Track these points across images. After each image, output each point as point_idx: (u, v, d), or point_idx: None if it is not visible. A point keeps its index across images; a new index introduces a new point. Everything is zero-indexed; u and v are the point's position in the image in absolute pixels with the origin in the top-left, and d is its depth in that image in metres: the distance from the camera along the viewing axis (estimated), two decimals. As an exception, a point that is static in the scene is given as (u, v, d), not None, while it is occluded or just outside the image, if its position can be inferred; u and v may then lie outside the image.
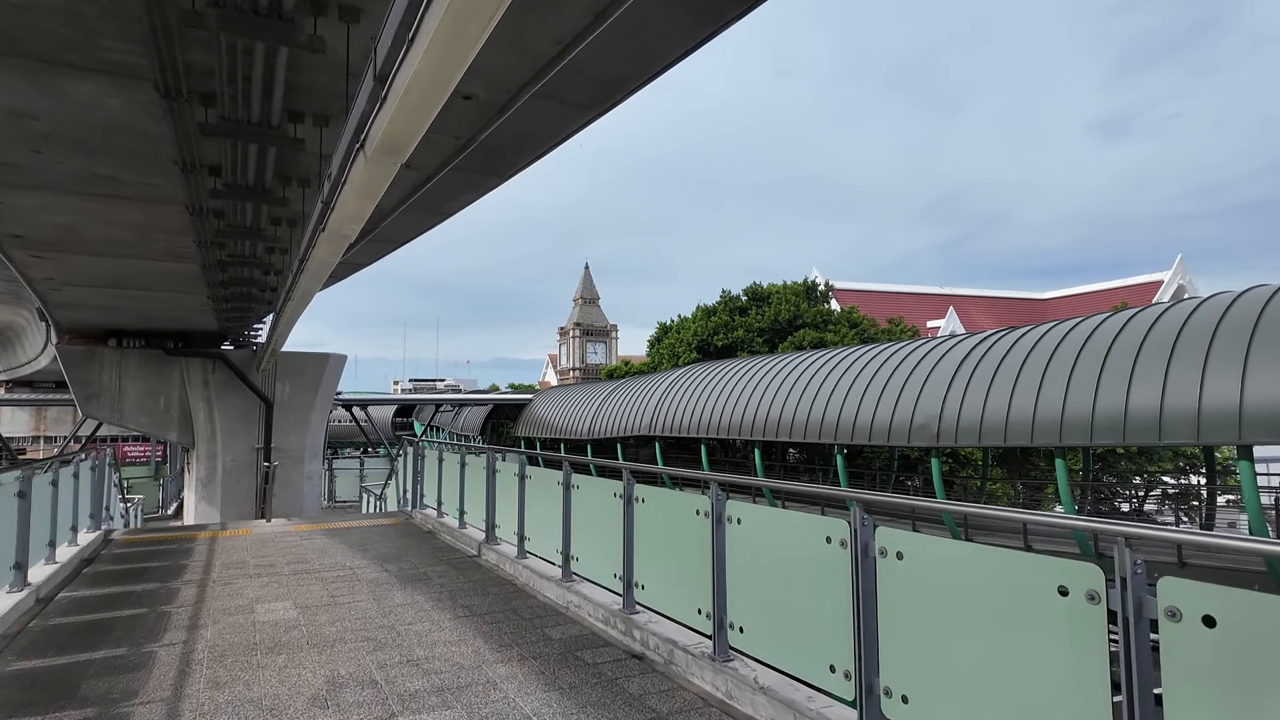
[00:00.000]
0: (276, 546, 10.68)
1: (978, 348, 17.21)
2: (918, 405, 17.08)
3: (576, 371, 56.75)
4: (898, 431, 17.40)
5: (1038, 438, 14.35)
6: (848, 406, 18.93)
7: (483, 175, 11.31)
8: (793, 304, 30.67)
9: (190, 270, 12.00)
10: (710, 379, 25.94)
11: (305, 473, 22.31)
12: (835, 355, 21.88)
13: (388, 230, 14.03)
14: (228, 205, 8.03)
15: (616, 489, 6.51)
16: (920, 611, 3.32)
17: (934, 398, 16.83)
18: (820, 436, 19.55)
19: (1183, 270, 60.42)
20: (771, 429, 21.28)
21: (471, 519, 11.06)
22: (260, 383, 21.26)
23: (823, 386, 20.27)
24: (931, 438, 16.53)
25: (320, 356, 22.34)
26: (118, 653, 5.71)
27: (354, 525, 12.77)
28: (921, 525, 17.98)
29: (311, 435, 22.53)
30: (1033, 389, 14.77)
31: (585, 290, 59.95)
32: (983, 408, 15.57)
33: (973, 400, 15.87)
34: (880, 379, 18.68)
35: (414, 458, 14.27)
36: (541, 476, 8.60)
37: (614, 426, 30.41)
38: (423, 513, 13.30)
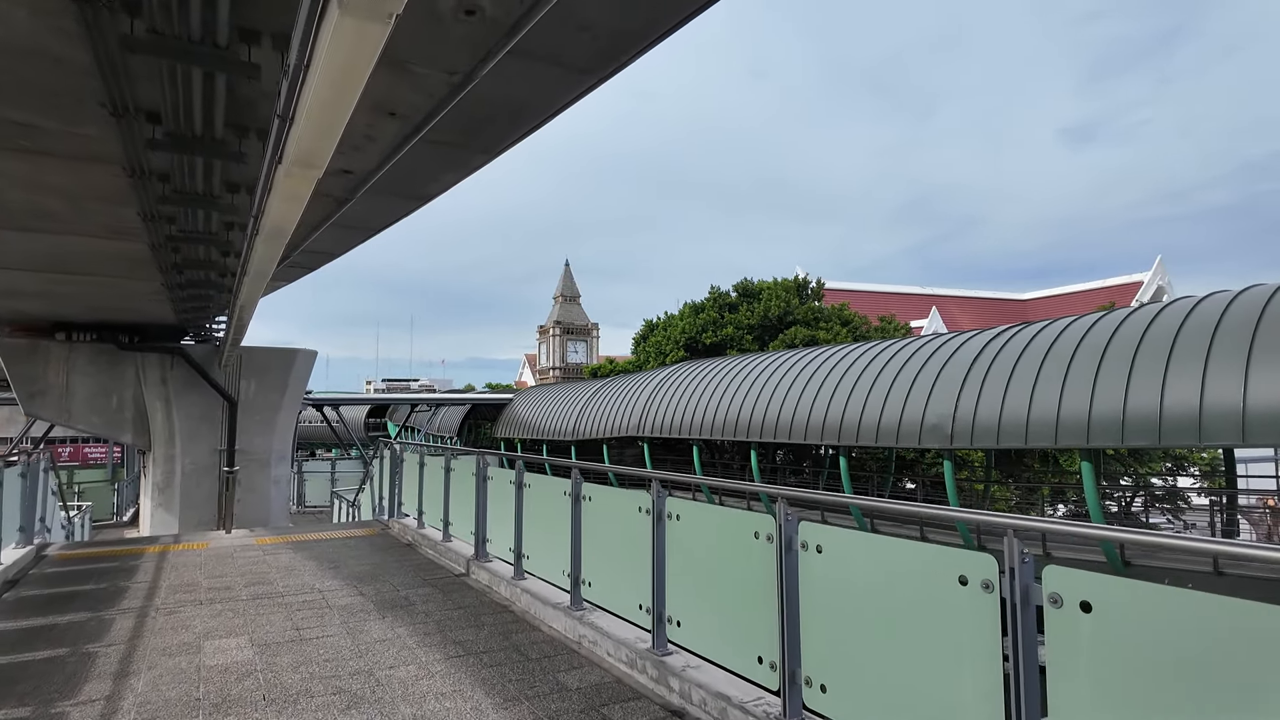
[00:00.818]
0: (235, 563, 9.40)
1: (991, 344, 16.33)
2: (928, 405, 16.17)
3: (557, 371, 55.45)
4: (907, 433, 16.47)
5: (1063, 438, 13.49)
6: (851, 406, 17.98)
7: (467, 152, 10.05)
8: (784, 301, 29.76)
9: (138, 251, 10.66)
10: (701, 377, 24.91)
11: (272, 477, 20.85)
12: (833, 353, 20.94)
13: (359, 215, 12.76)
14: (173, 164, 6.78)
15: (642, 503, 5.42)
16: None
17: (945, 397, 15.93)
18: (822, 438, 18.58)
19: (1162, 271, 60.69)
20: (769, 430, 20.28)
21: (457, 531, 9.87)
22: (223, 380, 19.78)
23: (823, 385, 19.32)
24: (944, 439, 15.62)
25: (288, 352, 20.90)
26: (17, 717, 4.47)
27: (324, 537, 11.49)
28: (881, 524, 17.10)
29: (279, 437, 21.07)
30: (1055, 387, 13.91)
31: (565, 288, 58.65)
32: (1000, 407, 14.68)
33: (989, 399, 14.99)
34: (885, 378, 17.76)
35: (391, 461, 13.01)
36: (543, 486, 7.44)
37: (599, 427, 29.25)
38: (401, 523, 12.05)
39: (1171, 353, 12.66)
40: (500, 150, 10.26)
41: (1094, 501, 13.55)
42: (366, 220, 13.59)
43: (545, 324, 58.60)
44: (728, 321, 30.71)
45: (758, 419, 20.86)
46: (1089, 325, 14.88)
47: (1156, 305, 15.04)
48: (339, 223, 13.49)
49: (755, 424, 20.87)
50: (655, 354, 33.12)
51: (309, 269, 17.63)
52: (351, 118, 6.61)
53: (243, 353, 20.11)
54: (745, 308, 30.85)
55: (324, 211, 9.10)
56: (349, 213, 13.02)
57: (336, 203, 8.69)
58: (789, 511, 3.73)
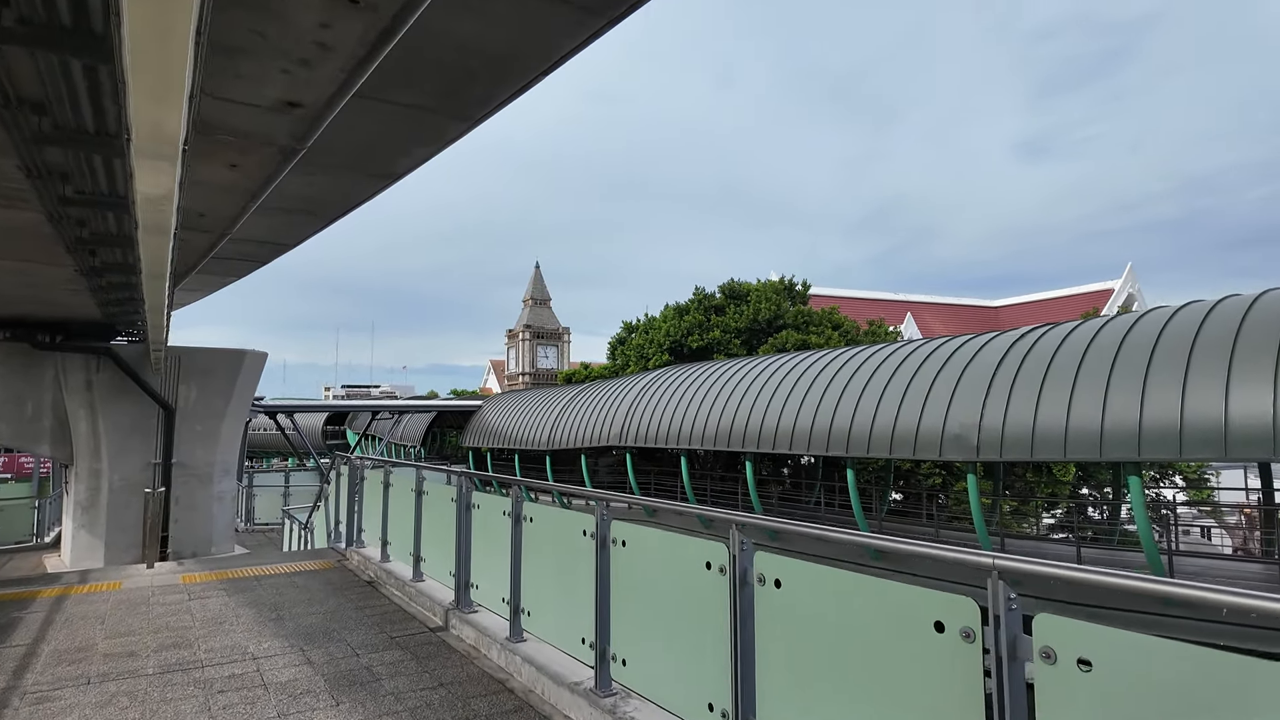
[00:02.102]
0: (149, 614, 7.45)
1: (1016, 346, 14.98)
2: (949, 413, 14.75)
3: (526, 377, 53.40)
4: (925, 443, 15.02)
5: (1109, 451, 12.13)
6: (860, 414, 16.51)
7: (442, 118, 8.19)
8: (774, 303, 28.32)
9: (34, 222, 8.64)
10: (689, 383, 23.29)
11: (214, 493, 18.62)
12: (834, 356, 19.49)
13: (313, 196, 10.85)
14: (48, 88, 4.90)
15: (711, 555, 3.73)
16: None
17: (969, 404, 14.53)
18: (828, 449, 17.08)
19: (1133, 279, 60.99)
20: (766, 439, 18.72)
21: (433, 569, 8.06)
22: (159, 385, 17.55)
23: (827, 391, 17.82)
24: (969, 450, 14.20)
25: (234, 354, 18.73)
26: None
27: (267, 572, 9.54)
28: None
29: (223, 448, 18.86)
30: (1098, 395, 12.57)
31: (535, 290, 56.66)
32: (1034, 416, 13.31)
33: (1020, 407, 13.61)
34: (898, 383, 16.32)
35: (351, 479, 11.11)
36: (551, 522, 5.69)
37: (577, 436, 27.43)
38: (361, 554, 10.16)
39: (1233, 358, 11.41)
40: (483, 115, 8.36)
41: (1144, 522, 12.19)
42: (322, 203, 11.60)
43: (514, 328, 56.52)
44: (714, 324, 29.17)
45: (753, 427, 19.30)
46: (1162, 322, 13.55)
47: (1203, 306, 13.83)
48: (288, 204, 11.55)
49: (751, 433, 19.31)
50: (636, 358, 31.40)
51: (258, 261, 15.48)
52: (299, 18, 4.78)
53: (181, 354, 17.91)
54: (732, 310, 29.34)
55: (266, 171, 7.24)
56: (302, 192, 11.11)
57: (281, 156, 6.83)
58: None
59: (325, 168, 10.02)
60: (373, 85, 7.20)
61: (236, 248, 14.60)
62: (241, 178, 7.32)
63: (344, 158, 9.59)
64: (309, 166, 10.11)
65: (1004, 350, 15.04)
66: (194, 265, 12.00)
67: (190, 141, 4.54)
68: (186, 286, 18.07)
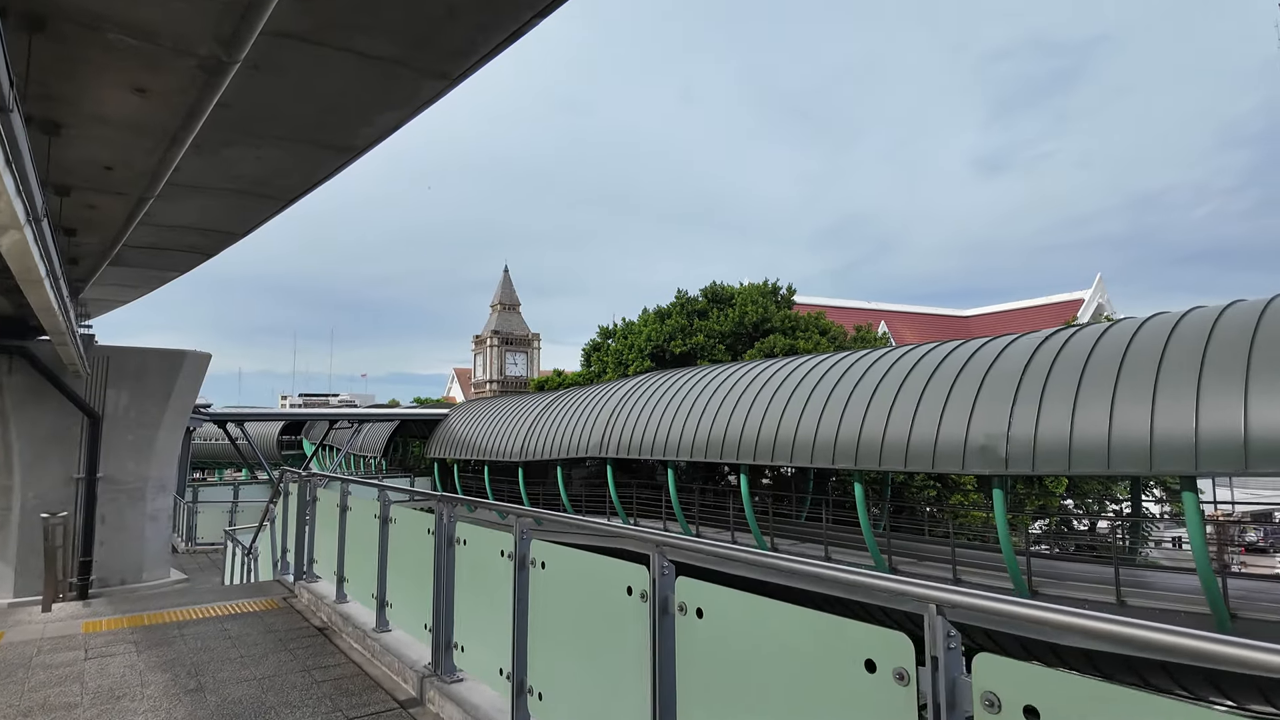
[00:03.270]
0: (25, 684, 5.65)
1: (1043, 349, 13.77)
2: (972, 422, 13.48)
3: (494, 385, 51.38)
4: (946, 455, 13.72)
5: (1161, 464, 10.93)
6: (870, 424, 15.17)
7: (412, 73, 6.54)
8: (760, 306, 27.00)
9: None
10: (675, 389, 21.78)
11: (148, 511, 16.52)
12: (834, 361, 18.17)
13: (261, 173, 9.12)
14: None
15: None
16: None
17: (995, 412, 13.28)
18: (834, 460, 15.70)
19: (1102, 289, 61.39)
20: (764, 451, 17.29)
21: (401, 617, 6.41)
22: (84, 389, 15.46)
23: (831, 398, 16.46)
24: (996, 463, 12.93)
25: (171, 355, 16.68)
26: None
27: (195, 615, 7.75)
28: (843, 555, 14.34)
29: (158, 461, 16.78)
30: (1145, 400, 11.38)
31: (504, 295, 54.70)
32: (1070, 425, 12.09)
33: (1054, 416, 12.38)
34: (910, 390, 15.01)
35: (300, 499, 9.34)
36: (575, 570, 4.11)
37: (552, 446, 25.71)
38: (312, 590, 8.41)
39: None
40: (462, 71, 6.70)
41: (1200, 542, 10.96)
42: (273, 182, 9.80)
43: (482, 333, 54.46)
44: (698, 328, 27.73)
45: (748, 438, 17.86)
46: (1166, 331, 12.45)
47: (1251, 307, 12.78)
48: (234, 183, 9.83)
49: (746, 443, 17.86)
50: (614, 364, 29.78)
51: (203, 254, 13.50)
52: None
53: (109, 355, 15.86)
54: (716, 314, 27.94)
55: (187, 100, 5.53)
56: (250, 169, 9.40)
57: (206, 75, 5.14)
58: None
59: (275, 139, 8.31)
60: (329, 26, 5.59)
61: (178, 237, 12.71)
62: (155, 110, 5.62)
63: (297, 126, 7.90)
64: (256, 136, 8.42)
65: (1028, 354, 13.83)
66: (112, 242, 10.11)
67: None
68: (121, 281, 16.01)
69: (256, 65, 5.76)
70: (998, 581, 13.83)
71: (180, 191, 9.71)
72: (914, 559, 16.25)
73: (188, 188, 9.84)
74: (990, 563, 14.97)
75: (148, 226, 11.03)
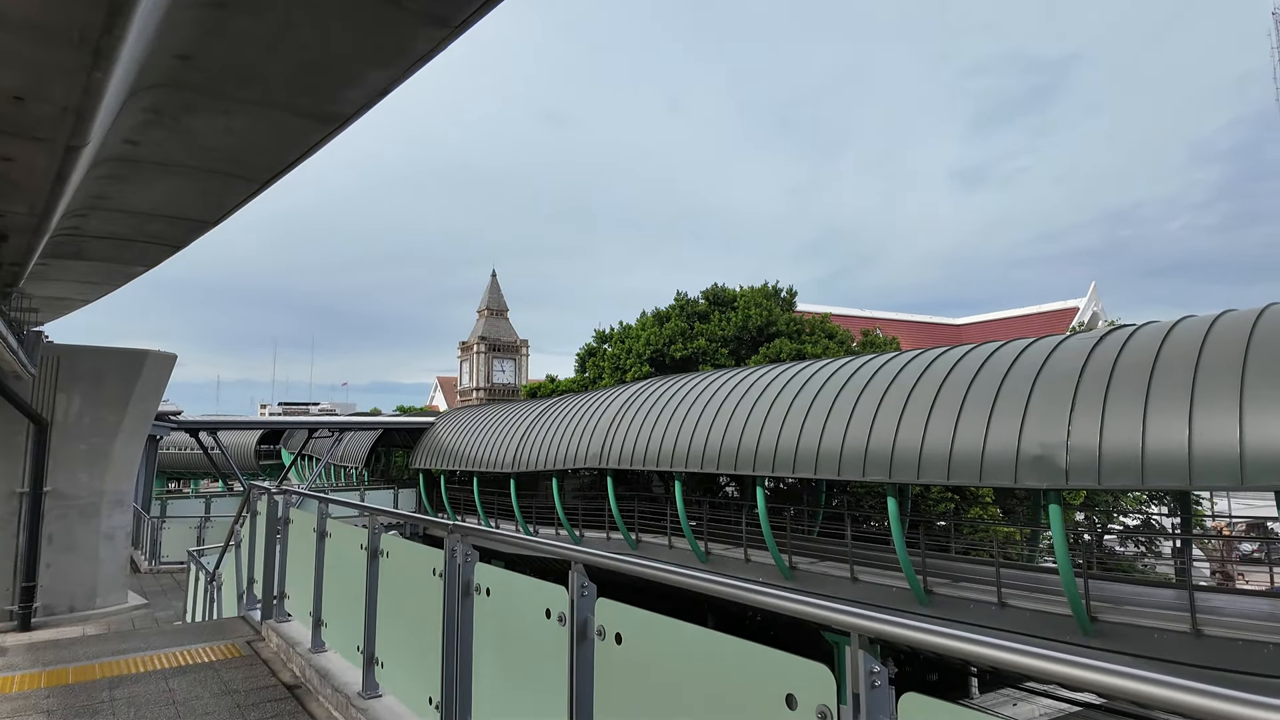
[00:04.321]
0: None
1: (1100, 350, 12.52)
2: (1024, 430, 12.19)
3: (481, 392, 49.70)
4: (995, 467, 12.40)
5: (1258, 477, 9.66)
6: (906, 432, 13.84)
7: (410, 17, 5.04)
8: (765, 309, 25.69)
9: None
10: (682, 395, 20.36)
11: (103, 529, 14.81)
12: (859, 365, 16.84)
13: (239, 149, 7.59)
14: None
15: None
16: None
17: (1052, 418, 11.98)
18: (865, 473, 14.33)
19: (1096, 298, 60.85)
20: (783, 462, 15.89)
21: (395, 680, 4.96)
22: (30, 393, 13.79)
23: (858, 405, 15.12)
24: (1055, 475, 11.62)
25: (131, 355, 15.02)
26: None
27: (134, 669, 6.22)
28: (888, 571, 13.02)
29: (115, 472, 15.09)
30: (1230, 408, 10.13)
31: (492, 301, 53.10)
32: (1142, 433, 10.82)
33: (1122, 424, 11.11)
34: (949, 396, 13.71)
35: (270, 521, 7.83)
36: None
37: (548, 456, 24.18)
38: (282, 633, 6.89)
39: None
40: (467, 16, 5.24)
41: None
42: (245, 159, 8.20)
43: (469, 339, 52.80)
44: (699, 332, 26.36)
45: (766, 447, 16.47)
46: (1248, 325, 11.23)
47: None
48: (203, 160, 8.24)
49: (764, 453, 16.47)
50: (611, 370, 28.32)
51: (171, 245, 11.79)
52: None
53: (60, 354, 14.20)
54: (718, 317, 26.58)
55: None
56: (219, 142, 7.85)
57: None
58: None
59: (248, 104, 6.78)
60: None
61: (141, 224, 11.13)
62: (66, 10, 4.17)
63: (272, 87, 6.39)
64: (225, 100, 6.87)
65: (1082, 356, 12.57)
66: (44, 212, 8.54)
67: None
68: (81, 278, 14.39)
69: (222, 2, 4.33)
70: (1053, 607, 12.52)
71: (142, 171, 8.21)
72: (948, 580, 14.93)
73: (150, 166, 8.31)
74: (1040, 585, 13.68)
75: (107, 213, 9.57)
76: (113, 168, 7.85)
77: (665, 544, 20.45)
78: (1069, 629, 12.10)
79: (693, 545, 18.89)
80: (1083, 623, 11.80)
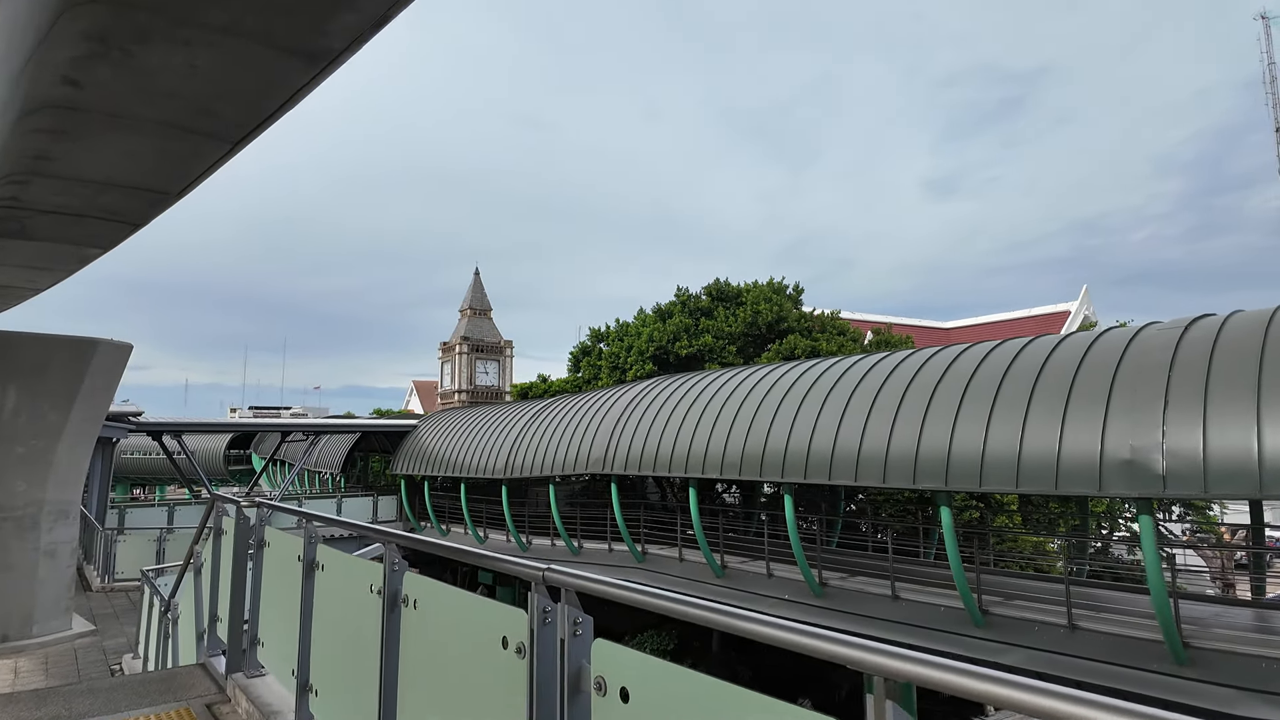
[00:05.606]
0: None
1: (1190, 339, 11.15)
2: (1107, 432, 10.77)
3: (463, 395, 47.69)
4: (1073, 472, 10.93)
5: None
6: (962, 435, 12.34)
7: None
8: (775, 304, 24.22)
9: None
10: (695, 394, 18.75)
11: (43, 545, 12.83)
12: (896, 360, 15.35)
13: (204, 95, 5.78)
14: None
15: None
16: None
17: (1144, 419, 10.59)
18: (916, 480, 12.81)
19: (1088, 301, 60.41)
20: (818, 467, 14.32)
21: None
22: (-44, 387, 11.82)
23: (903, 404, 13.62)
24: (1151, 483, 10.19)
25: (78, 344, 13.07)
26: None
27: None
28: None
29: (59, 480, 13.13)
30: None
31: (475, 300, 51.11)
32: (1258, 435, 9.43)
33: (1230, 423, 9.71)
34: (1013, 393, 12.24)
35: (241, 542, 6.09)
36: None
37: (544, 461, 22.43)
38: (253, 694, 5.12)
39: None
40: None
41: None
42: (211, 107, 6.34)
43: (450, 340, 50.77)
44: (704, 328, 24.81)
45: (796, 450, 14.90)
46: None
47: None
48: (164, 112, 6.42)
49: (794, 457, 14.89)
50: (610, 369, 26.65)
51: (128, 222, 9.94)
52: None
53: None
54: (723, 313, 25.07)
55: None
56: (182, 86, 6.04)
57: None
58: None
59: (211, 32, 5.02)
60: None
61: (94, 196, 9.29)
62: None
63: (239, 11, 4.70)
64: (185, 27, 5.13)
65: (1169, 348, 11.18)
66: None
67: None
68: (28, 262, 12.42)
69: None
70: (1134, 630, 11.10)
71: (89, 123, 6.42)
72: (998, 597, 13.48)
73: (99, 117, 6.52)
74: (1103, 603, 12.26)
75: (53, 180, 7.76)
76: (52, 118, 6.02)
77: (675, 556, 18.81)
78: (1158, 656, 10.71)
79: (708, 558, 17.27)
80: (1176, 651, 10.38)
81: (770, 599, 15.95)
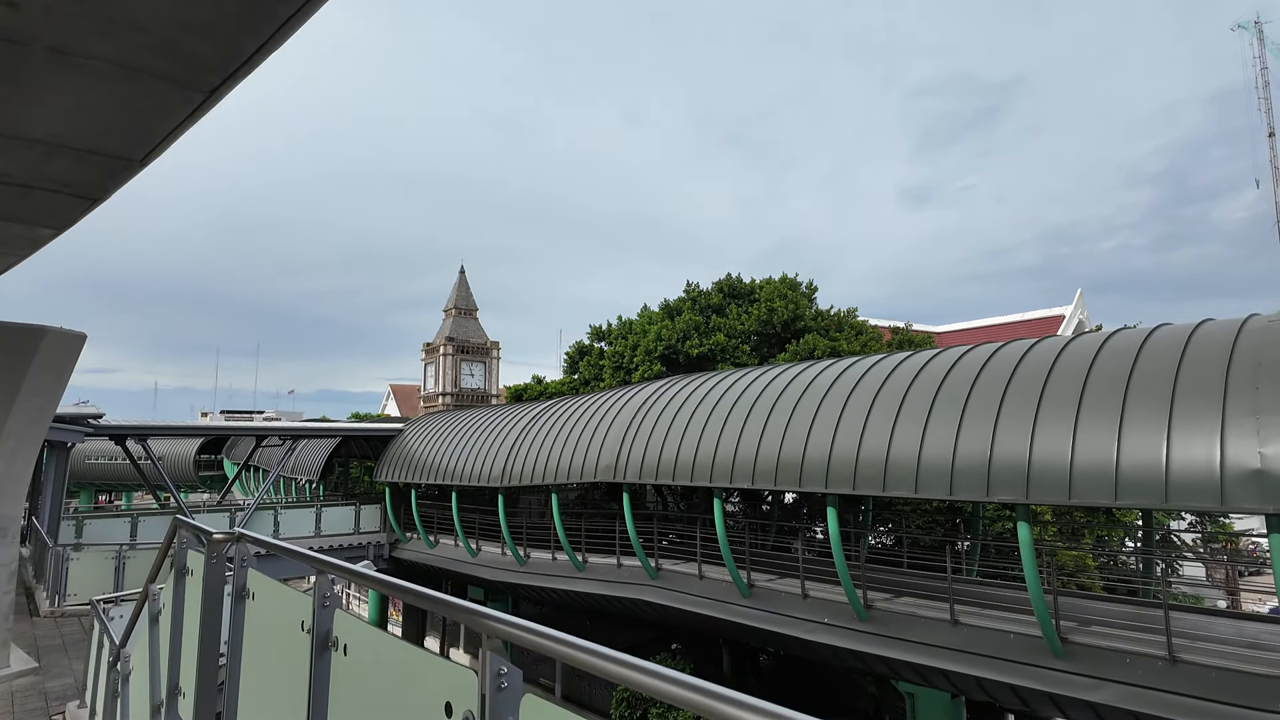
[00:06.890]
0: None
1: None
2: (1226, 438, 9.38)
3: (448, 398, 45.73)
4: (1184, 485, 9.52)
5: None
6: (1044, 441, 10.90)
7: None
8: (791, 302, 22.76)
9: None
10: (718, 395, 17.14)
11: (-24, 569, 10.93)
12: (952, 359, 13.90)
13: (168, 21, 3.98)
14: None
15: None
16: None
17: (1240, 427, 9.22)
18: (990, 492, 11.34)
19: (1082, 306, 59.88)
20: (870, 478, 12.77)
21: None
22: None
23: (968, 407, 12.16)
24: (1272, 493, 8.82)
25: (19, 332, 11.14)
26: None
27: None
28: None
29: (1, 490, 11.23)
30: None
31: (460, 300, 49.19)
32: None
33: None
34: (1102, 392, 10.83)
35: (210, 588, 4.37)
36: None
37: (546, 469, 20.70)
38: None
39: None
40: None
41: None
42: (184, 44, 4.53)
43: (434, 341, 48.78)
44: (716, 326, 23.29)
45: (842, 457, 13.35)
46: None
47: None
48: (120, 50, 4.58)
49: (840, 466, 13.35)
50: (613, 370, 24.99)
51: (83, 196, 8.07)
52: None
53: (-87, 327, 10.34)
54: (735, 310, 23.57)
55: None
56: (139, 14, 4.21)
57: None
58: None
59: None
60: None
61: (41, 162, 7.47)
62: None
63: None
64: None
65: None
66: None
67: None
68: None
69: None
70: (1247, 665, 9.69)
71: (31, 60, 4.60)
72: (1074, 621, 12.05)
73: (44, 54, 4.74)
74: (1192, 630, 10.87)
75: None
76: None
77: (695, 574, 17.18)
78: None
79: (734, 576, 15.67)
80: None
81: (808, 622, 14.39)
